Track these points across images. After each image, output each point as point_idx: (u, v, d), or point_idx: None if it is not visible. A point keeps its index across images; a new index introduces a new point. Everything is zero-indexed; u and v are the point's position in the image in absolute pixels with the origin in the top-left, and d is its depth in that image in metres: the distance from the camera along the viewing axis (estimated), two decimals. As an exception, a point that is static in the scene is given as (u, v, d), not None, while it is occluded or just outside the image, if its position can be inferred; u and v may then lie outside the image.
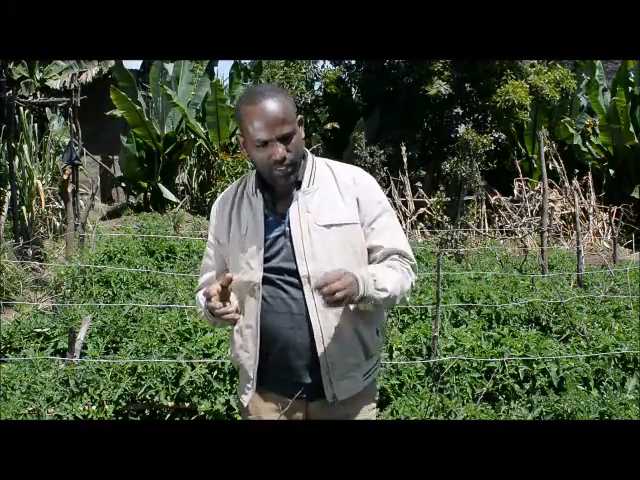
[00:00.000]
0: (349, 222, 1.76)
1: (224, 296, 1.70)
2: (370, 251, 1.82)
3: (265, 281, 1.76)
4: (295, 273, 1.74)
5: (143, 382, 3.36)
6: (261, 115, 1.67)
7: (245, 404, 1.88)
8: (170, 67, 12.15)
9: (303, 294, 1.74)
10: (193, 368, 3.41)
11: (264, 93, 1.70)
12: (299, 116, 1.77)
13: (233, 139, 12.24)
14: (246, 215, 1.80)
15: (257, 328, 1.78)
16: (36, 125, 10.07)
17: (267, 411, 1.85)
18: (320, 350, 1.74)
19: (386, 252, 1.81)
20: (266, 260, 1.76)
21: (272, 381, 1.83)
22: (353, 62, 12.40)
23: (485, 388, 3.54)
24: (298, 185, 1.78)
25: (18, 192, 8.42)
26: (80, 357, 3.61)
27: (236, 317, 1.72)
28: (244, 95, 1.77)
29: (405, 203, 11.15)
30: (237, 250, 1.79)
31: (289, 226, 1.76)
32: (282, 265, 1.76)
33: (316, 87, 12.85)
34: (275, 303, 1.76)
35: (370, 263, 1.82)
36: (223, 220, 1.86)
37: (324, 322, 1.74)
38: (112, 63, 12.31)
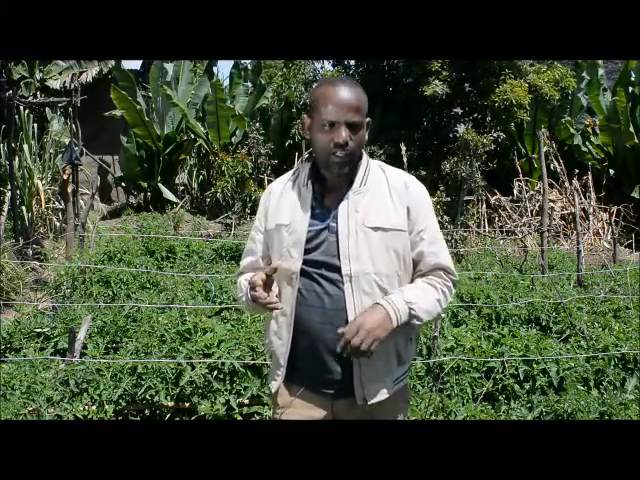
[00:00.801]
0: (396, 228, 1.79)
1: (268, 285, 1.76)
2: (416, 261, 1.84)
3: (302, 273, 1.79)
4: (335, 269, 1.77)
5: (143, 382, 3.36)
6: (337, 97, 1.72)
7: (273, 390, 1.90)
8: (170, 67, 12.15)
9: (342, 291, 1.76)
10: (193, 368, 3.41)
11: (345, 80, 1.77)
12: (368, 118, 1.81)
13: (233, 139, 12.25)
14: (294, 205, 1.84)
15: (292, 317, 1.81)
16: (36, 125, 10.06)
17: (294, 405, 1.86)
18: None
19: (431, 266, 1.84)
20: (306, 252, 1.79)
21: (301, 375, 1.84)
22: (352, 62, 12.39)
23: (485, 388, 3.54)
24: (350, 183, 1.81)
25: (18, 192, 8.42)
26: (80, 357, 3.61)
27: (279, 306, 1.76)
28: (324, 79, 1.83)
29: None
30: (280, 238, 1.83)
31: (336, 222, 1.78)
32: (321, 259, 1.79)
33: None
34: (309, 297, 1.79)
35: (414, 273, 1.85)
36: (271, 207, 1.90)
37: None
38: (112, 63, 12.30)
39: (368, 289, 1.75)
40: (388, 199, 1.81)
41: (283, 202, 1.87)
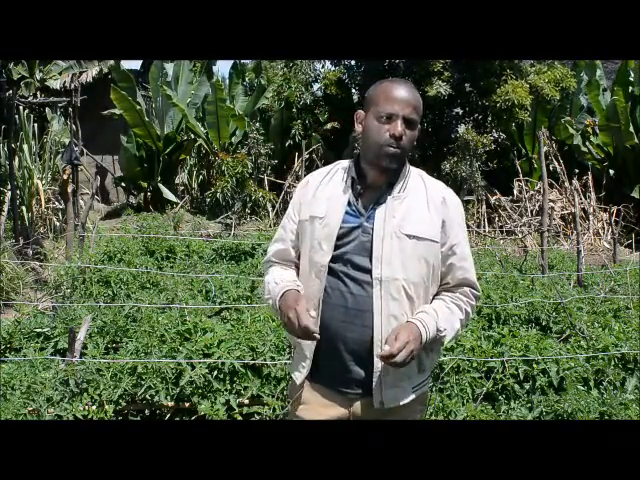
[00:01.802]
0: (430, 239, 1.80)
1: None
2: (444, 273, 1.87)
3: (328, 269, 1.80)
4: (363, 269, 1.78)
5: (143, 382, 3.35)
6: (398, 92, 1.78)
7: (298, 381, 1.90)
8: (170, 67, 12.15)
9: (367, 293, 1.77)
10: (193, 368, 3.41)
11: (407, 82, 1.85)
12: (419, 126, 1.84)
13: (233, 139, 12.25)
14: (331, 198, 1.85)
15: (319, 309, 1.81)
16: (36, 125, 10.06)
17: (314, 401, 1.87)
18: (377, 352, 1.76)
19: (459, 280, 1.88)
20: (335, 247, 1.80)
21: (321, 372, 1.85)
22: (353, 62, 12.39)
23: (485, 388, 3.54)
24: (389, 186, 1.83)
25: (18, 192, 8.42)
26: (80, 357, 3.61)
27: (317, 336, 1.72)
28: (385, 79, 1.89)
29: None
30: (313, 229, 1.84)
31: (372, 224, 1.79)
32: (350, 257, 1.80)
33: (315, 88, 12.84)
34: (333, 294, 1.80)
35: (441, 284, 1.88)
36: (307, 198, 1.91)
37: (385, 326, 1.76)
38: (112, 63, 12.30)
39: (396, 295, 1.77)
40: (425, 209, 1.83)
41: (320, 194, 1.88)
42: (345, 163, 1.93)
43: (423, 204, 1.83)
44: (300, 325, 1.69)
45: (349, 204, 1.83)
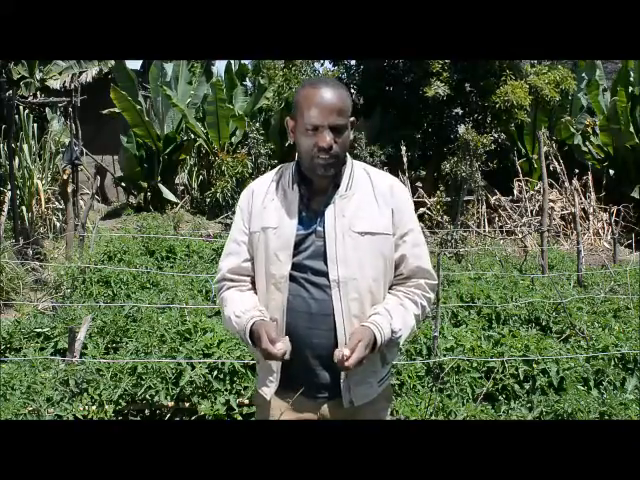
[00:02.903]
0: (383, 232, 1.78)
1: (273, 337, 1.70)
2: (397, 263, 1.84)
3: (289, 278, 1.77)
4: (323, 274, 1.76)
5: (143, 382, 3.36)
6: (319, 100, 1.70)
7: (268, 397, 1.87)
8: (170, 67, 12.15)
9: (329, 296, 1.75)
10: (193, 368, 3.41)
11: (328, 82, 1.75)
12: (352, 118, 1.79)
13: (233, 139, 12.24)
14: (280, 207, 1.81)
15: (283, 322, 1.78)
16: (36, 125, 10.05)
17: (281, 409, 1.85)
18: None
19: (413, 270, 1.85)
20: (292, 256, 1.77)
21: (289, 381, 1.83)
22: (353, 62, 12.39)
23: (485, 388, 3.54)
24: (335, 187, 1.80)
25: (18, 192, 8.41)
26: (80, 357, 3.61)
27: (287, 357, 1.69)
28: (307, 80, 1.82)
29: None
30: (267, 241, 1.80)
31: (323, 227, 1.77)
32: (308, 263, 1.77)
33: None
34: (295, 301, 1.77)
35: (395, 275, 1.85)
36: (256, 209, 1.85)
37: (348, 327, 1.75)
38: (112, 63, 12.30)
39: (355, 294, 1.75)
40: (374, 203, 1.80)
41: (268, 203, 1.83)
42: (287, 168, 1.88)
43: (371, 198, 1.80)
44: (275, 358, 1.68)
45: (300, 211, 1.79)
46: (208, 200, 9.95)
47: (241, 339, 1.83)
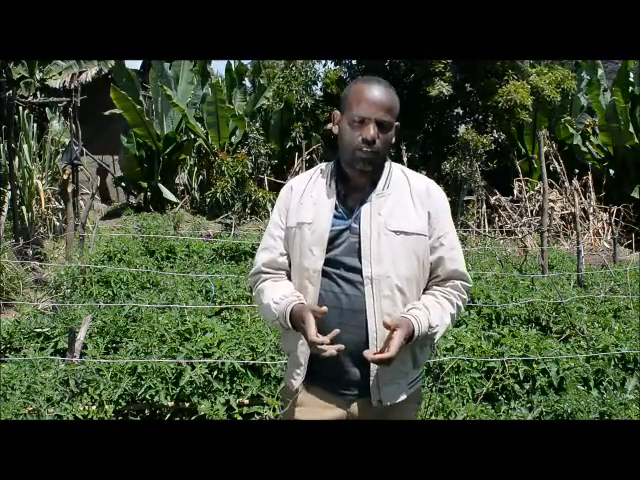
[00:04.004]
0: (418, 232, 1.80)
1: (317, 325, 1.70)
2: (434, 265, 1.86)
3: (321, 273, 1.79)
4: (355, 270, 1.77)
5: (143, 382, 3.35)
6: (370, 94, 1.74)
7: (294, 389, 1.88)
8: (170, 67, 12.16)
9: (361, 292, 1.76)
10: (193, 368, 3.41)
11: (381, 81, 1.79)
12: (397, 123, 1.81)
13: (233, 139, 12.24)
14: (317, 203, 1.84)
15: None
16: (36, 125, 10.06)
17: (311, 404, 1.86)
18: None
19: (449, 271, 1.87)
20: (326, 251, 1.79)
21: (319, 375, 1.84)
22: (354, 62, 12.40)
23: (485, 388, 3.54)
24: (372, 185, 1.82)
25: (18, 192, 8.41)
26: (80, 357, 3.61)
27: (333, 352, 1.67)
28: (360, 78, 1.85)
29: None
30: (302, 235, 1.82)
31: (358, 224, 1.79)
32: (341, 259, 1.79)
33: (315, 89, 12.85)
34: (327, 296, 1.78)
35: (431, 277, 1.87)
36: (293, 205, 1.88)
37: (380, 324, 1.75)
38: (112, 63, 12.31)
39: (388, 292, 1.76)
40: (410, 203, 1.82)
41: (305, 200, 1.86)
42: (326, 166, 1.92)
43: (407, 199, 1.83)
44: (320, 352, 1.66)
45: (336, 207, 1.82)
46: (208, 200, 9.95)
47: (280, 326, 1.84)
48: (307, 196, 1.87)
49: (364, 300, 1.76)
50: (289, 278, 1.90)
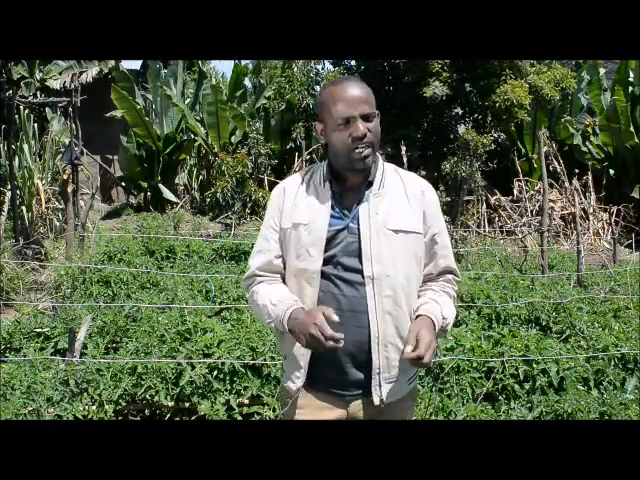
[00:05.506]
0: (415, 231, 1.82)
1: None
2: (427, 263, 1.89)
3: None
4: (354, 270, 1.77)
5: (143, 382, 3.36)
6: (345, 93, 1.75)
7: (293, 392, 1.86)
8: (169, 67, 12.16)
9: (359, 293, 1.76)
10: (193, 368, 3.41)
11: (348, 78, 1.82)
12: (377, 111, 1.81)
13: (233, 139, 12.25)
14: (312, 204, 1.83)
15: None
16: (36, 125, 10.06)
17: (311, 406, 1.85)
18: (375, 351, 1.77)
19: (442, 268, 1.90)
20: (324, 251, 1.78)
21: (317, 379, 1.83)
22: (353, 63, 12.40)
23: (485, 388, 3.54)
24: (368, 185, 1.82)
25: (18, 192, 8.41)
26: (80, 357, 3.61)
27: (340, 345, 1.65)
28: (328, 82, 1.86)
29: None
30: (298, 237, 1.81)
31: (357, 224, 1.79)
32: (339, 259, 1.78)
33: (316, 90, 12.85)
34: (325, 297, 1.77)
35: (425, 274, 1.89)
36: (287, 206, 1.87)
37: (382, 324, 1.76)
38: (112, 63, 12.31)
39: (389, 292, 1.77)
40: (406, 202, 1.84)
41: (299, 201, 1.85)
42: (318, 167, 1.91)
43: (403, 198, 1.84)
44: (326, 338, 1.62)
45: (332, 207, 1.81)
46: (208, 200, 9.94)
47: (275, 328, 1.82)
48: (301, 197, 1.86)
49: (365, 300, 1.76)
50: (284, 281, 1.89)
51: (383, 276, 1.75)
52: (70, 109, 10.01)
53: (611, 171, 12.19)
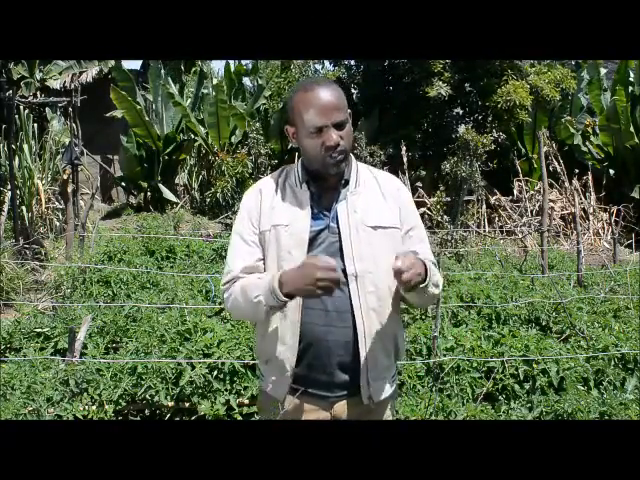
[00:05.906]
0: (393, 226, 1.83)
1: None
2: None
3: None
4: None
5: (143, 382, 3.36)
6: (317, 101, 1.72)
7: (281, 397, 1.84)
8: (168, 67, 12.16)
9: (344, 292, 1.75)
10: (193, 368, 3.41)
11: (319, 82, 1.77)
12: (348, 110, 1.80)
13: (233, 138, 12.24)
14: (290, 205, 1.82)
15: (298, 321, 1.77)
16: (36, 125, 10.05)
17: (296, 410, 1.83)
18: (362, 349, 1.76)
19: None
20: (306, 252, 1.77)
21: (303, 380, 1.81)
22: (353, 63, 12.39)
23: (485, 388, 3.54)
24: (345, 183, 1.83)
25: (18, 192, 8.41)
26: (80, 357, 3.61)
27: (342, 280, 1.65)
28: (297, 85, 1.83)
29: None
30: (279, 239, 1.79)
31: (337, 223, 1.79)
32: None
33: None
34: (310, 299, 1.75)
35: None
36: (265, 208, 1.84)
37: (367, 321, 1.76)
38: (112, 63, 12.30)
39: (372, 288, 1.77)
40: (381, 199, 1.85)
41: (277, 203, 1.83)
42: (291, 168, 1.90)
43: (379, 195, 1.86)
44: (335, 274, 1.59)
45: (312, 208, 1.80)
46: (208, 200, 9.94)
47: (265, 303, 1.72)
48: (278, 199, 1.84)
49: (347, 299, 1.76)
50: None
51: (366, 273, 1.76)
52: (70, 109, 10.02)
53: (611, 171, 12.18)
